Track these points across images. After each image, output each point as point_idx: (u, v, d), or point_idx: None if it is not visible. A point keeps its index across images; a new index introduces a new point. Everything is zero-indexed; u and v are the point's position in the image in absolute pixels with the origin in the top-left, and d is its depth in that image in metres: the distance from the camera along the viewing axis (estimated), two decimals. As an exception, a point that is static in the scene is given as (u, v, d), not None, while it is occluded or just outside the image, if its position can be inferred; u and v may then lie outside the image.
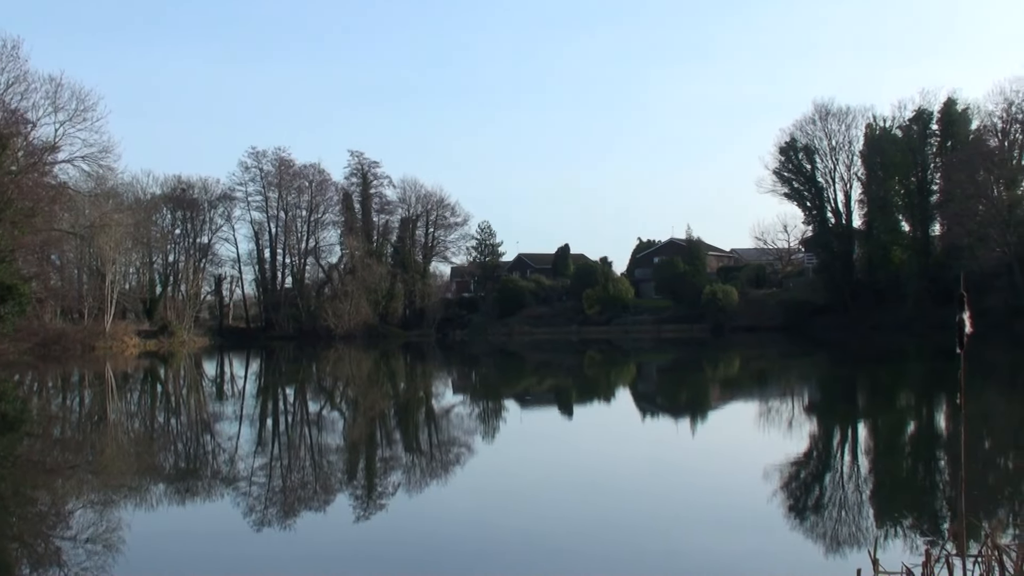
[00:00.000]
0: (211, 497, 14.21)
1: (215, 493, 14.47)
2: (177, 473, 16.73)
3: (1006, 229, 68.91)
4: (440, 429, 23.25)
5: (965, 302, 5.00)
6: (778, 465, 15.35)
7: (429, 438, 21.54)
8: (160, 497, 14.12)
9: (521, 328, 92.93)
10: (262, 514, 12.67)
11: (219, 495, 14.25)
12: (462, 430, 22.64)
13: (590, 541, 10.69)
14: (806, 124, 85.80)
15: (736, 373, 42.91)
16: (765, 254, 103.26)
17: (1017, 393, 28.91)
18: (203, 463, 18.13)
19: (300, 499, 14.02)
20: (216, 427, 23.91)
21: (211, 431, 23.18)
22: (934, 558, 5.74)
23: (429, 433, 22.59)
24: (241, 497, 13.78)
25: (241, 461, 17.59)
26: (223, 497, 14.03)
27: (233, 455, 18.44)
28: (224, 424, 24.48)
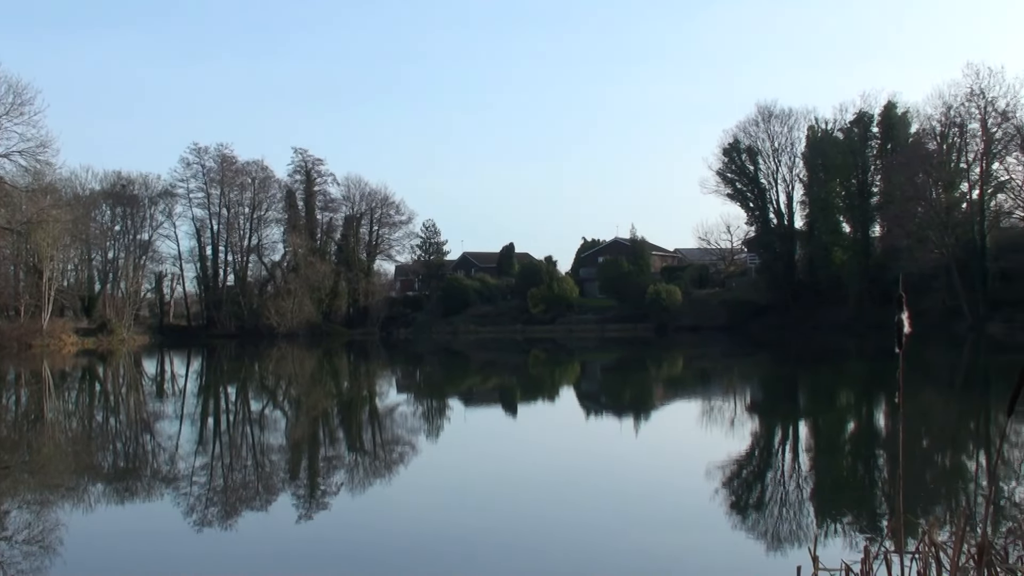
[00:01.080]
0: (151, 497, 14.02)
1: (155, 493, 14.28)
2: (116, 473, 16.50)
3: (944, 231, 70.09)
4: (384, 428, 23.16)
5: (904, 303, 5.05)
6: (720, 464, 15.46)
7: (373, 437, 21.45)
8: (99, 497, 13.91)
9: (466, 327, 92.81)
10: (203, 514, 12.52)
11: (160, 495, 14.06)
12: (406, 429, 22.58)
13: (533, 538, 10.69)
14: (749, 126, 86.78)
15: (679, 372, 43.19)
16: (708, 254, 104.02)
17: (954, 392, 29.37)
18: (143, 463, 17.88)
19: (242, 499, 13.89)
20: (156, 426, 23.61)
21: (151, 430, 22.88)
22: (873, 555, 5.80)
23: (373, 432, 22.49)
24: (182, 497, 13.62)
25: (182, 461, 17.38)
26: (163, 497, 13.85)
27: (174, 455, 18.21)
28: (164, 423, 24.19)
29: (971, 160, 74.13)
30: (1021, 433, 18.11)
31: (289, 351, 66.09)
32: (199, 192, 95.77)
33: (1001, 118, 70.69)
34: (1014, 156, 71.72)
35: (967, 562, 5.46)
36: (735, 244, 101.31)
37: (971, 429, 20.97)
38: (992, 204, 73.98)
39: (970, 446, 18.36)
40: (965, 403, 26.50)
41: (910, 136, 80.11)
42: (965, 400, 27.36)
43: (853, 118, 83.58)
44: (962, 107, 72.73)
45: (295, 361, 55.88)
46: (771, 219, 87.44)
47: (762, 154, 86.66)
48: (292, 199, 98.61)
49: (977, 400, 26.96)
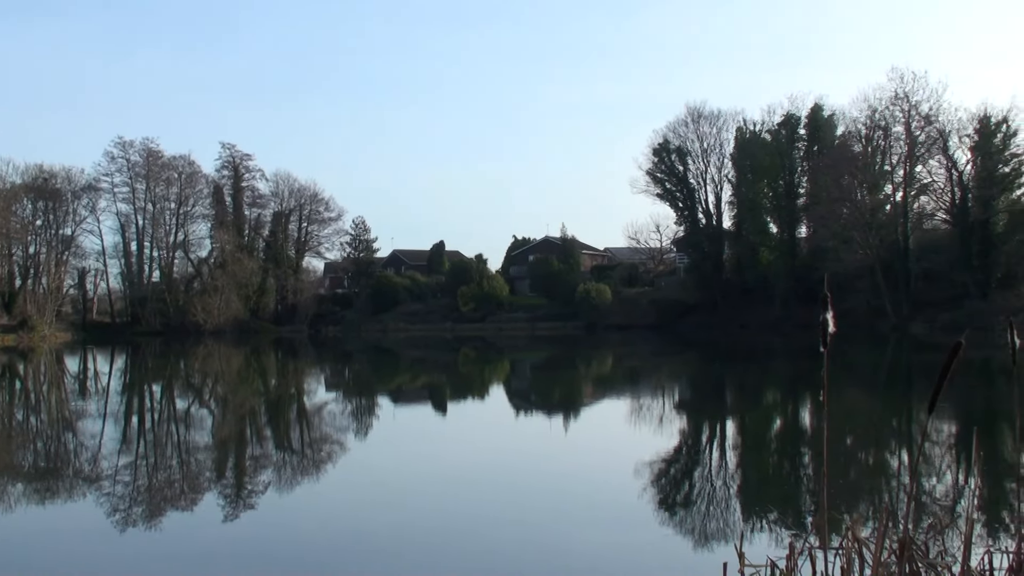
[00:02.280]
0: (73, 496, 13.76)
1: (77, 492, 14.02)
2: (37, 472, 16.17)
3: (868, 232, 71.27)
4: (312, 427, 22.96)
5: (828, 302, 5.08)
6: (649, 461, 15.55)
7: (301, 436, 21.26)
8: (19, 497, 13.61)
9: (396, 325, 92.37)
10: (126, 513, 12.30)
11: (81, 494, 13.80)
12: (335, 428, 22.41)
13: (463, 537, 10.66)
14: (679, 126, 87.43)
15: (609, 371, 43.41)
16: (638, 253, 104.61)
17: (877, 391, 29.88)
18: (64, 462, 17.53)
19: (167, 498, 13.67)
20: (78, 425, 23.18)
21: (73, 429, 22.45)
22: (797, 551, 5.85)
23: (301, 431, 22.30)
24: (104, 496, 13.37)
25: (104, 460, 17.06)
26: (85, 496, 13.60)
27: (96, 454, 17.88)
28: (87, 422, 23.74)
29: (895, 163, 75.50)
30: (942, 431, 18.48)
31: (216, 349, 65.26)
32: (124, 187, 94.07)
33: (924, 122, 72.05)
34: (936, 159, 73.22)
35: (889, 557, 5.53)
36: (664, 244, 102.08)
37: (894, 427, 21.35)
38: (915, 206, 75.40)
39: (893, 443, 18.69)
40: (888, 401, 26.99)
41: (836, 138, 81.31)
42: (888, 398, 27.86)
43: (781, 120, 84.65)
44: (887, 110, 74.10)
45: (222, 359, 55.20)
46: (700, 219, 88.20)
47: (691, 154, 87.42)
48: (220, 195, 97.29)
49: (899, 398, 27.46)
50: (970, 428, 17.84)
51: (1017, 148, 69.34)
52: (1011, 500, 11.09)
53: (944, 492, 12.75)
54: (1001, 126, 69.30)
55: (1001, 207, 69.01)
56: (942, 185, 73.52)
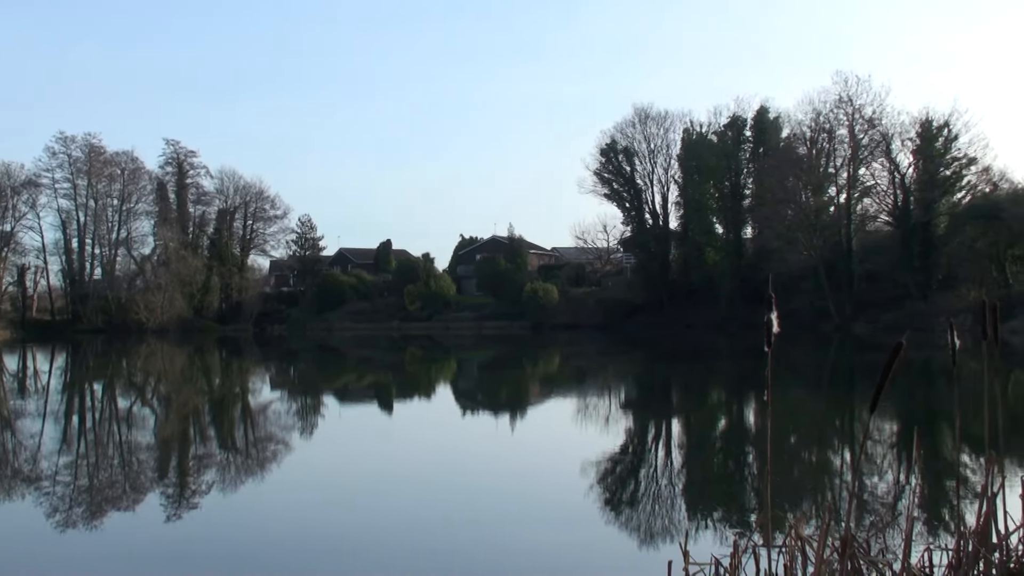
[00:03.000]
0: (12, 497, 13.51)
1: (16, 492, 13.77)
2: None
3: (813, 233, 72.09)
4: (257, 426, 22.76)
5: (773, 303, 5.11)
6: (595, 460, 15.59)
7: (245, 435, 21.07)
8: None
9: (342, 324, 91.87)
10: (67, 514, 12.10)
11: (21, 495, 13.56)
12: (280, 427, 22.23)
13: (410, 537, 10.61)
14: (626, 127, 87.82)
15: (555, 370, 43.50)
16: (585, 253, 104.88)
17: (820, 390, 30.21)
18: (2, 462, 17.22)
19: (108, 498, 13.47)
20: (17, 424, 22.76)
21: (12, 428, 22.06)
22: (742, 549, 5.88)
23: (246, 430, 22.09)
24: (44, 497, 13.14)
25: (44, 460, 16.77)
26: (25, 497, 13.36)
27: (36, 453, 17.57)
28: (26, 421, 23.33)
29: (839, 165, 76.40)
30: (884, 430, 18.72)
31: (159, 347, 64.51)
32: (65, 183, 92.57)
33: (868, 125, 73.09)
34: (879, 162, 74.28)
35: (831, 555, 5.57)
36: (611, 244, 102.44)
37: (836, 426, 21.59)
38: (858, 208, 76.40)
39: (835, 442, 18.89)
40: (831, 401, 27.29)
41: (781, 140, 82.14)
42: (831, 398, 28.17)
43: (727, 122, 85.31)
44: (831, 113, 75.07)
45: (165, 357, 54.57)
46: (647, 219, 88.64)
47: (638, 155, 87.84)
48: (163, 191, 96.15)
49: (842, 398, 27.78)
50: (911, 427, 18.08)
51: (958, 152, 70.52)
52: (950, 498, 11.25)
53: (885, 490, 12.90)
54: (942, 130, 70.47)
55: (942, 210, 70.12)
56: (885, 187, 74.64)
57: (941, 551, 6.29)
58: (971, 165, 70.72)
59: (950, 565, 6.15)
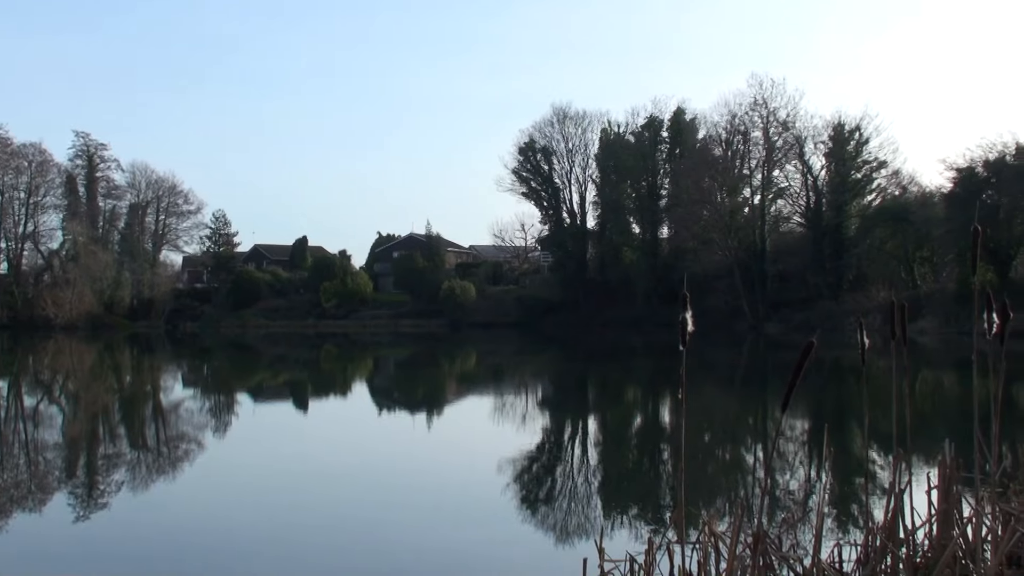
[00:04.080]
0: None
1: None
2: None
3: (728, 234, 72.99)
4: (169, 424, 22.37)
5: (687, 302, 5.15)
6: (512, 458, 15.60)
7: (157, 434, 20.69)
8: None
9: (256, 321, 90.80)
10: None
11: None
12: (192, 425, 21.87)
13: (324, 536, 10.50)
14: (545, 126, 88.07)
15: (472, 368, 43.49)
16: (503, 252, 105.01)
17: (734, 389, 30.62)
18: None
19: (13, 499, 13.10)
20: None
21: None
22: (656, 546, 5.91)
23: (157, 429, 21.70)
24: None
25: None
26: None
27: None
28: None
29: (753, 167, 77.44)
30: (795, 428, 19.02)
31: (67, 344, 63.13)
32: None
33: (782, 128, 74.23)
34: (793, 164, 75.45)
35: (744, 551, 5.63)
36: (529, 242, 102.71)
37: (749, 424, 21.89)
38: (772, 209, 77.52)
39: (748, 440, 19.16)
40: (744, 399, 27.68)
41: (697, 142, 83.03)
42: (744, 396, 28.58)
43: (644, 122, 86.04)
44: (746, 116, 76.08)
45: (73, 354, 53.43)
46: (564, 218, 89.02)
47: (556, 154, 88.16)
48: (72, 185, 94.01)
49: (755, 396, 28.19)
50: (821, 425, 18.39)
51: (868, 155, 71.94)
52: (859, 495, 11.47)
53: (797, 487, 13.11)
54: (854, 134, 71.82)
55: (853, 212, 71.41)
56: (798, 189, 75.83)
57: (850, 546, 6.39)
58: (881, 168, 72.25)
59: (859, 560, 6.25)
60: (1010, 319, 5.88)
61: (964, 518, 6.19)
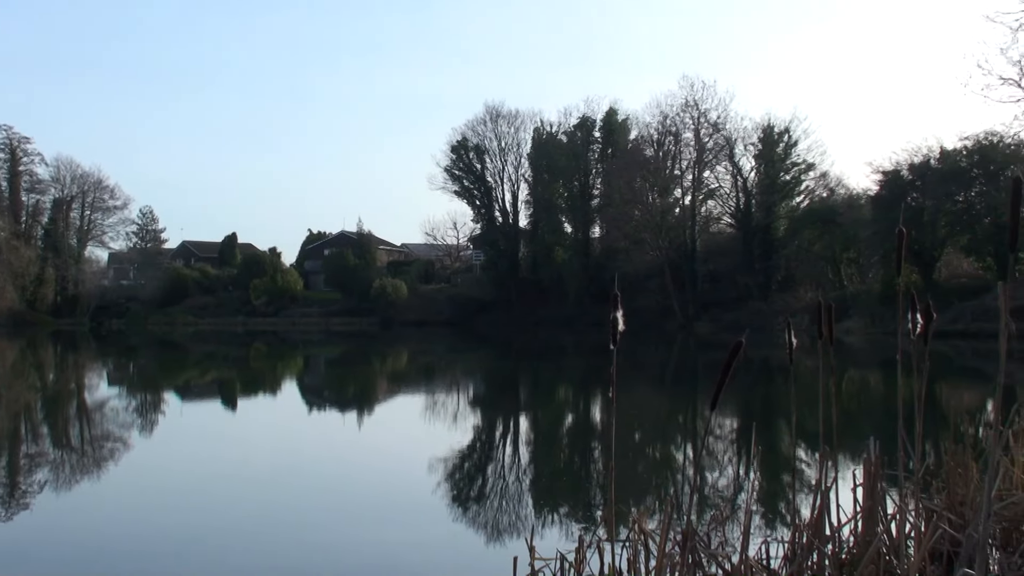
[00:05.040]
0: None
1: None
2: None
3: (659, 234, 73.62)
4: (93, 423, 21.96)
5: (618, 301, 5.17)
6: (443, 457, 15.55)
7: (81, 433, 20.30)
8: None
9: (184, 318, 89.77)
10: None
11: None
12: (116, 425, 21.48)
13: (251, 538, 10.39)
14: (477, 124, 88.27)
15: (404, 367, 43.33)
16: (435, 250, 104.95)
17: (664, 387, 30.84)
18: None
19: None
20: None
21: None
22: (586, 544, 5.94)
23: (80, 428, 21.29)
24: None
25: None
26: None
27: None
28: None
29: (684, 167, 78.35)
30: (724, 426, 19.20)
31: (-11, 341, 61.85)
32: None
33: (712, 129, 75.11)
34: (723, 165, 76.50)
35: (673, 548, 5.67)
36: (461, 241, 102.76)
37: (679, 422, 22.06)
38: (703, 210, 78.46)
39: (678, 438, 19.29)
40: (674, 397, 27.88)
41: (629, 142, 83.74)
42: (674, 394, 28.78)
43: (577, 122, 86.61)
44: (677, 117, 76.97)
45: (-5, 352, 52.34)
46: (496, 217, 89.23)
47: (489, 153, 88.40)
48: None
49: (685, 395, 28.42)
50: (750, 424, 18.60)
51: (797, 157, 73.09)
52: (787, 492, 11.60)
53: (725, 485, 13.24)
54: (783, 136, 72.91)
55: (782, 213, 72.43)
56: (728, 190, 76.90)
57: (778, 543, 6.47)
58: (809, 170, 73.45)
59: (786, 557, 6.33)
60: (933, 320, 5.99)
61: (888, 515, 6.28)
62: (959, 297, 50.12)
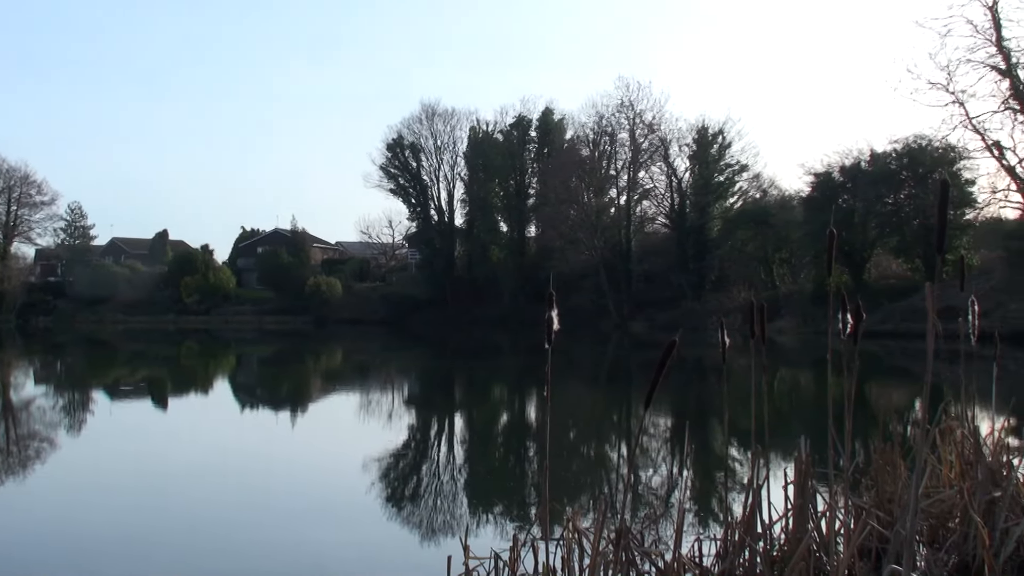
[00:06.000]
0: None
1: None
2: None
3: (594, 233, 73.96)
4: (19, 423, 21.54)
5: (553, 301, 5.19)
6: (377, 457, 15.48)
7: (6, 432, 19.91)
8: None
9: (113, 316, 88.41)
10: None
11: None
12: (43, 424, 21.07)
13: (182, 537, 10.25)
14: (414, 123, 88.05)
15: (338, 366, 43.09)
16: (370, 248, 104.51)
17: (599, 386, 30.98)
18: None
19: None
20: None
21: None
22: (521, 542, 5.95)
23: (6, 427, 20.88)
24: None
25: None
26: None
27: None
28: None
29: (620, 168, 78.82)
30: (658, 424, 19.34)
31: (-90, 339, 60.43)
32: None
33: (648, 130, 75.59)
34: (658, 166, 77.00)
35: (607, 547, 5.69)
36: (397, 239, 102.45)
37: (613, 421, 22.17)
38: (638, 210, 78.97)
39: (612, 437, 19.39)
40: (609, 396, 28.02)
41: (565, 142, 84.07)
42: (609, 393, 28.93)
43: (513, 121, 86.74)
44: (613, 117, 77.37)
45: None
46: (432, 216, 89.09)
47: (425, 151, 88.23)
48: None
49: (619, 393, 28.58)
50: (683, 422, 18.75)
51: (731, 159, 73.80)
52: (719, 490, 11.71)
53: (659, 483, 13.33)
54: (717, 137, 73.56)
55: (715, 214, 73.06)
56: (663, 191, 77.44)
57: (710, 541, 6.53)
58: (743, 172, 74.22)
59: (718, 554, 6.39)
60: (863, 320, 6.08)
61: (818, 512, 6.37)
62: (888, 298, 50.94)
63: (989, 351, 8.71)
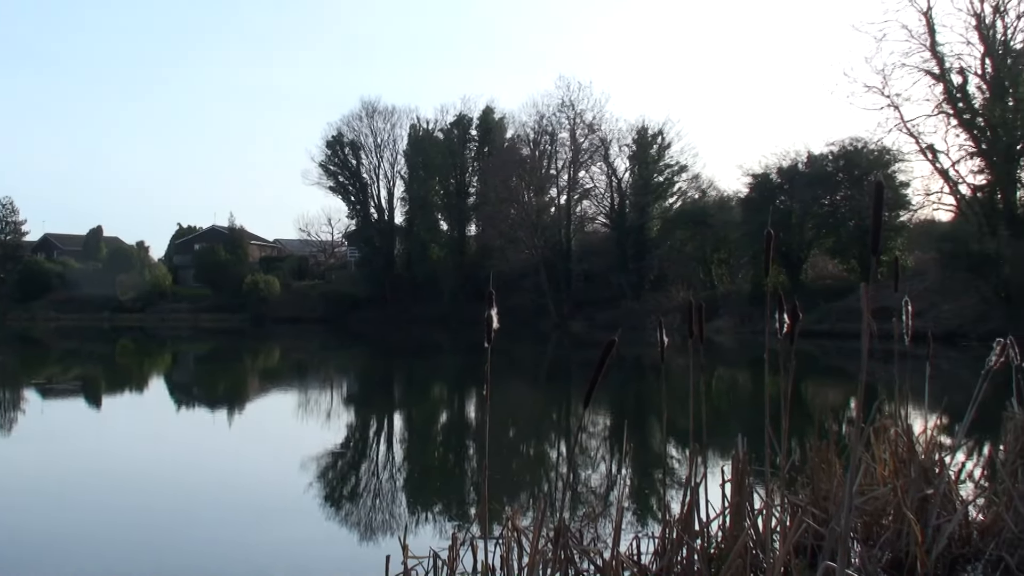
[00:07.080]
0: None
1: None
2: None
3: (534, 233, 74.14)
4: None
5: (493, 300, 5.19)
6: (315, 456, 15.38)
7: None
8: None
9: (46, 314, 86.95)
10: None
11: None
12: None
13: (116, 537, 10.11)
14: (353, 120, 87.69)
15: (275, 364, 42.77)
16: (309, 246, 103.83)
17: (538, 385, 31.05)
18: None
19: None
20: None
21: None
22: (460, 541, 5.94)
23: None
24: None
25: None
26: None
27: None
28: None
29: (560, 167, 79.03)
30: (597, 423, 19.41)
31: None
32: None
33: (588, 130, 75.93)
34: (598, 166, 77.32)
35: (546, 545, 5.71)
36: (336, 237, 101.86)
37: (553, 419, 22.22)
38: (578, 209, 79.29)
39: (552, 436, 19.43)
40: (548, 395, 28.11)
41: (506, 141, 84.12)
42: (548, 392, 29.01)
43: (453, 120, 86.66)
44: (553, 117, 77.62)
45: None
46: (372, 214, 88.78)
47: (365, 149, 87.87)
48: None
49: (559, 392, 28.65)
50: (622, 421, 18.84)
51: (670, 159, 74.31)
52: (658, 489, 11.79)
53: (598, 482, 13.38)
54: (656, 138, 74.02)
55: (655, 214, 73.54)
56: (603, 191, 77.71)
57: (649, 539, 6.57)
58: (682, 172, 74.70)
59: (656, 552, 6.44)
60: (800, 320, 6.15)
61: (755, 510, 6.43)
62: (824, 298, 51.54)
63: (922, 351, 8.85)
